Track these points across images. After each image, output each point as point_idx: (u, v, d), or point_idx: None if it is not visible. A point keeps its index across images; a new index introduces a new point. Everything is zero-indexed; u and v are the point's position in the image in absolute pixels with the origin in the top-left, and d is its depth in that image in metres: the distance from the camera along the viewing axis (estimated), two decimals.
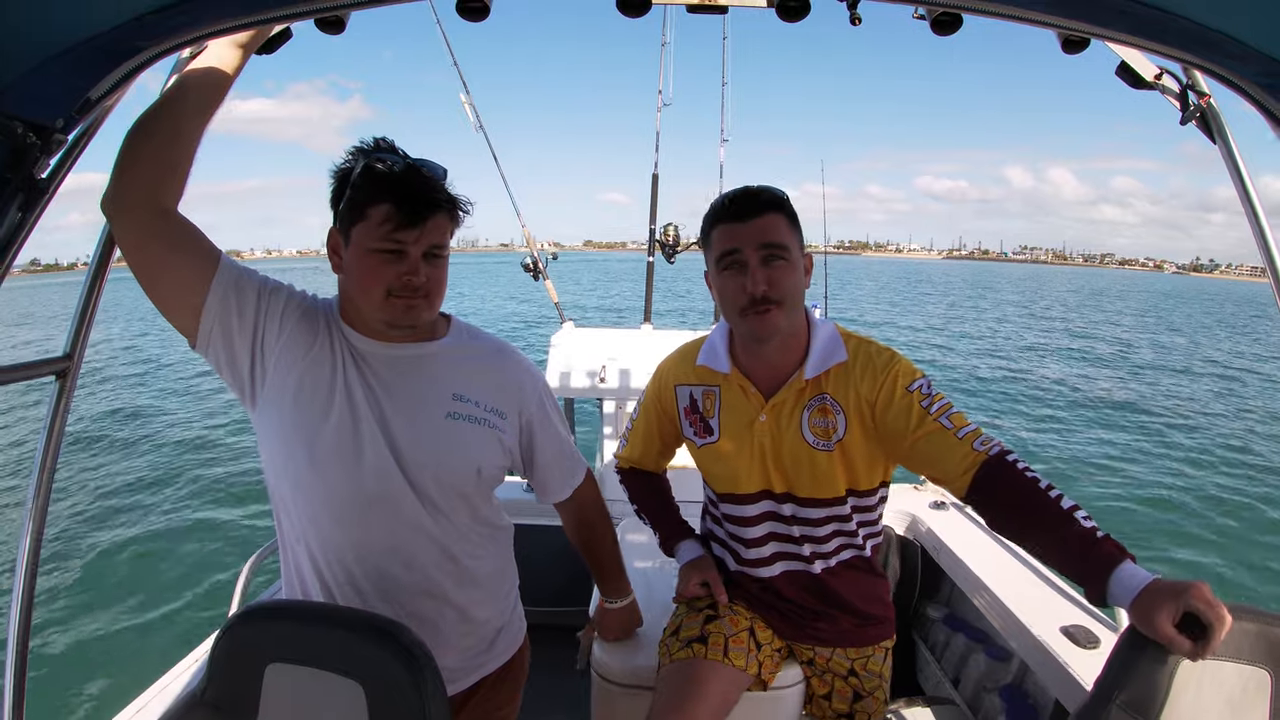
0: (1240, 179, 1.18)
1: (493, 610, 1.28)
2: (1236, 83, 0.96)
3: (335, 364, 1.11)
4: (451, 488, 1.16)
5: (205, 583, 5.88)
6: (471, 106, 3.16)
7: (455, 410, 1.16)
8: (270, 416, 1.10)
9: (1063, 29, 0.95)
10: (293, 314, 1.11)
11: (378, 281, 1.06)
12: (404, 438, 1.12)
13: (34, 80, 0.91)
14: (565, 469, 1.36)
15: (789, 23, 0.96)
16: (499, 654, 1.30)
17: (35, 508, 1.13)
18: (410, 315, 1.09)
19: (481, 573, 1.24)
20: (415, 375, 1.15)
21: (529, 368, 1.29)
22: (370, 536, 1.12)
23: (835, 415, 1.32)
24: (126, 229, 1.02)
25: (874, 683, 1.51)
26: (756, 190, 1.31)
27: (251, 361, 1.09)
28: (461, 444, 1.16)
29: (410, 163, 1.08)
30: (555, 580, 2.62)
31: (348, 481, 1.09)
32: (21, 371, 1.09)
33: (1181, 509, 8.17)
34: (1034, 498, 1.16)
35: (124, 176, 1.00)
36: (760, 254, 1.26)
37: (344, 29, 0.99)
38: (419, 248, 1.06)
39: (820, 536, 1.40)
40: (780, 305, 1.26)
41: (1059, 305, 47.57)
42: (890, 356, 1.33)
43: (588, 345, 3.03)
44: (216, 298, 1.04)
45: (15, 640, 1.13)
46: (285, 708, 0.95)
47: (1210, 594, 0.96)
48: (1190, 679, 1.00)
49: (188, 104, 1.04)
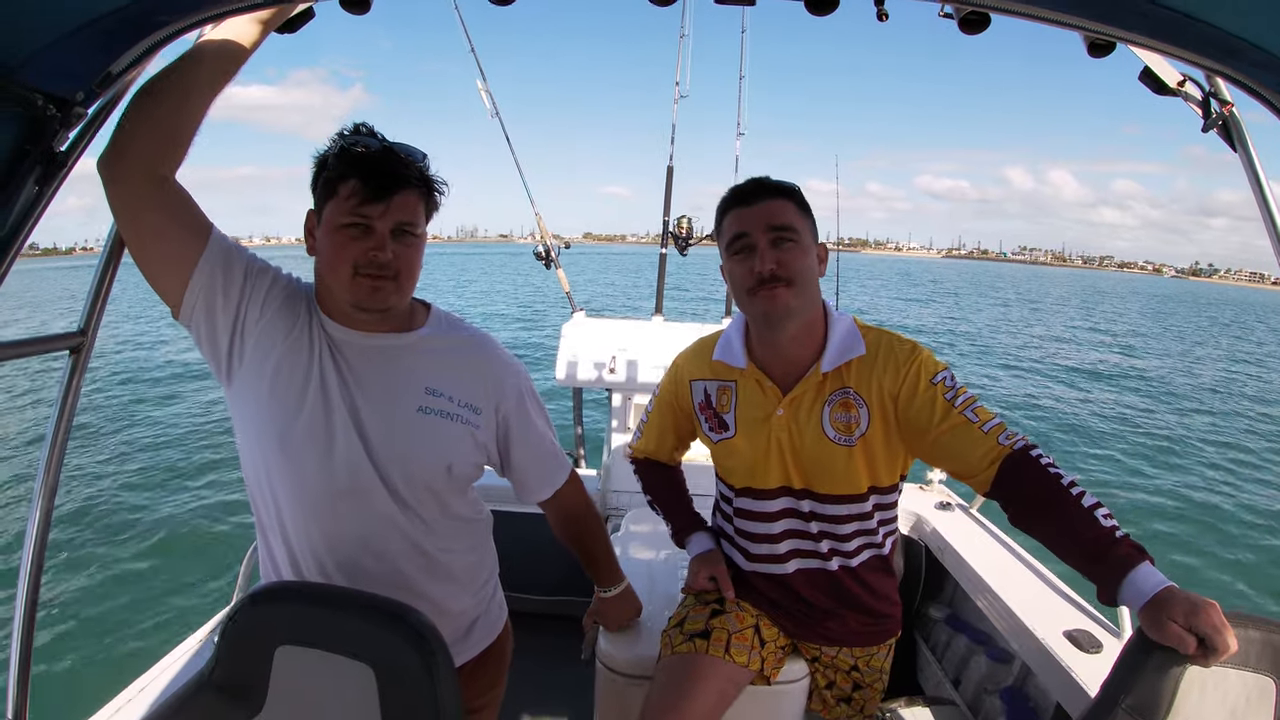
0: (1260, 188, 1.17)
1: (468, 602, 1.27)
2: (1259, 90, 0.96)
3: (312, 352, 1.10)
4: (421, 483, 1.14)
5: (208, 564, 5.90)
6: (488, 93, 3.14)
7: (427, 404, 1.14)
8: (245, 400, 1.09)
9: (1086, 30, 0.94)
10: (276, 297, 1.10)
11: (344, 258, 1.05)
12: (375, 431, 1.10)
13: (56, 53, 0.91)
14: (545, 469, 1.32)
15: (818, 16, 0.95)
16: (475, 643, 1.29)
17: (45, 484, 1.13)
18: (377, 298, 1.06)
19: (455, 566, 1.23)
20: (388, 366, 1.13)
21: (509, 361, 1.26)
22: (341, 528, 1.11)
23: (858, 409, 1.31)
24: (120, 193, 1.01)
25: (874, 676, 1.52)
26: (764, 178, 1.31)
27: (231, 339, 1.08)
28: (432, 439, 1.14)
29: (386, 144, 1.08)
30: (552, 569, 2.61)
31: (319, 473, 1.08)
32: (37, 345, 1.09)
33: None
34: (1056, 493, 1.15)
35: (125, 139, 0.99)
36: (769, 236, 1.26)
37: (369, 8, 0.99)
38: (385, 223, 1.05)
39: (842, 535, 1.39)
40: (790, 285, 1.25)
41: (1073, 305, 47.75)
42: (912, 348, 1.32)
43: (598, 335, 3.01)
44: (204, 273, 1.03)
45: (21, 620, 1.14)
46: (295, 690, 0.95)
47: (1220, 618, 0.96)
48: (1195, 685, 1.00)
49: (200, 74, 1.03)
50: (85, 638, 4.84)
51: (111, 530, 6.66)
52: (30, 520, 1.13)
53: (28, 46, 0.88)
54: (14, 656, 1.14)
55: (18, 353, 1.05)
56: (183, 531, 6.61)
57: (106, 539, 6.46)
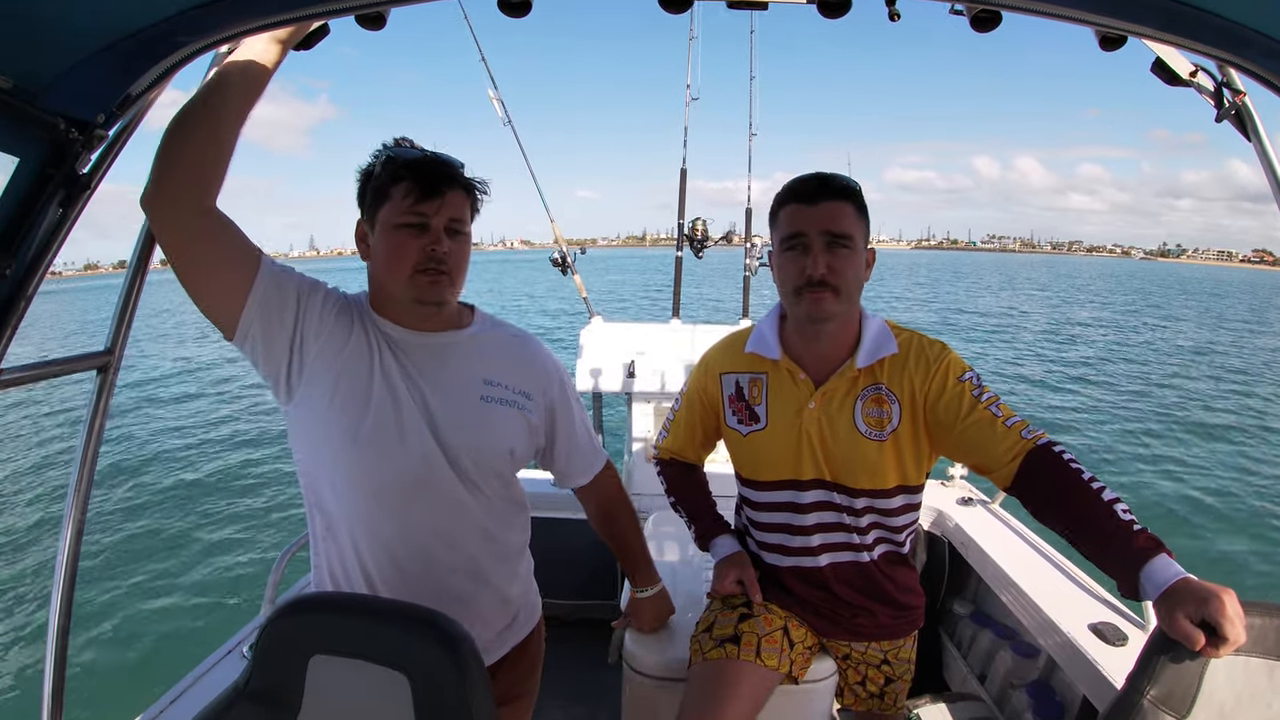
0: (1275, 176, 1.17)
1: (519, 587, 1.33)
2: (1272, 80, 0.95)
3: (372, 355, 1.14)
4: (489, 467, 1.21)
5: (238, 575, 5.99)
6: (500, 101, 3.14)
7: (488, 394, 1.21)
8: (308, 412, 1.12)
9: (1097, 25, 0.94)
10: (331, 311, 1.13)
11: (404, 257, 1.10)
12: (444, 421, 1.15)
13: (76, 77, 0.92)
14: (585, 455, 1.40)
15: (830, 19, 0.95)
16: (519, 630, 1.34)
17: (76, 500, 1.15)
18: (435, 290, 1.12)
19: (513, 547, 1.30)
20: (448, 361, 1.19)
21: (549, 353, 1.34)
22: (415, 519, 1.15)
23: (890, 405, 1.33)
24: (167, 227, 1.02)
25: (903, 668, 1.54)
26: (829, 176, 1.31)
27: (290, 357, 1.10)
28: (496, 425, 1.21)
29: (427, 152, 1.15)
30: (579, 573, 2.62)
31: (392, 466, 1.12)
32: (65, 365, 1.11)
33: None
34: (1076, 488, 1.16)
35: (164, 175, 1.00)
36: (824, 239, 1.27)
37: (384, 24, 0.99)
38: (441, 219, 1.11)
39: (861, 527, 1.40)
40: (836, 292, 1.27)
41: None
42: (941, 348, 1.35)
43: (616, 340, 3.01)
44: (257, 297, 1.05)
45: (55, 632, 1.16)
46: (329, 699, 0.96)
47: (1232, 607, 0.95)
48: (1221, 675, 1.00)
49: (227, 101, 1.04)
50: (118, 649, 4.92)
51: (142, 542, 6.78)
52: (62, 536, 1.15)
53: (49, 72, 0.89)
54: (49, 668, 1.16)
55: (47, 373, 1.07)
56: (213, 542, 6.70)
57: (137, 551, 6.57)
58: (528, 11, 0.91)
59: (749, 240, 3.46)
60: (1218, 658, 0.98)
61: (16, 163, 0.94)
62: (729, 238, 3.54)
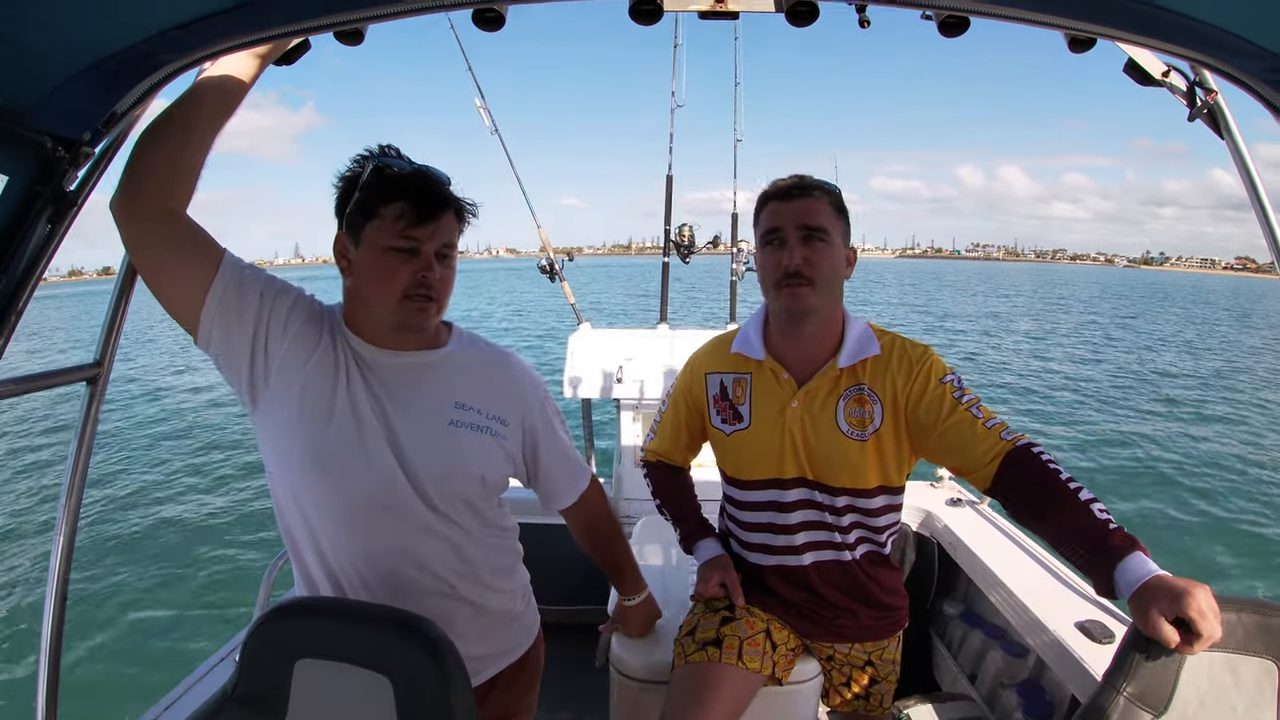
0: (1248, 174, 1.18)
1: (506, 604, 1.30)
2: (1242, 79, 0.96)
3: (338, 371, 1.11)
4: (455, 495, 1.17)
5: (232, 583, 5.97)
6: (486, 111, 3.16)
7: (458, 418, 1.17)
8: (274, 422, 1.11)
9: (1068, 29, 0.95)
10: (297, 318, 1.11)
11: (394, 281, 1.07)
12: (409, 445, 1.12)
13: (61, 96, 0.94)
14: (569, 477, 1.36)
15: (798, 27, 0.97)
16: (514, 647, 1.33)
17: (67, 511, 1.17)
18: (422, 317, 1.10)
19: (492, 569, 1.26)
20: (419, 382, 1.16)
21: (530, 375, 1.30)
22: (379, 540, 1.13)
23: (872, 406, 1.35)
24: (132, 231, 1.03)
25: (888, 669, 1.55)
26: (806, 176, 1.35)
27: (252, 362, 1.09)
28: (465, 452, 1.16)
29: (418, 166, 1.11)
30: (571, 579, 2.62)
31: (354, 488, 1.10)
32: (54, 378, 1.12)
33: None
34: (1053, 488, 1.17)
35: (134, 180, 1.01)
36: (800, 233, 1.30)
37: (363, 40, 1.01)
38: (432, 244, 1.08)
39: (843, 526, 1.41)
40: (813, 285, 1.29)
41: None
42: (924, 350, 1.37)
43: (604, 346, 3.02)
44: (215, 298, 1.04)
45: (49, 640, 1.17)
46: (314, 702, 0.97)
47: (1206, 602, 0.95)
48: (1198, 671, 1.01)
49: (201, 110, 1.05)
50: (112, 658, 4.91)
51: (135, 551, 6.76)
52: (54, 546, 1.16)
53: (36, 91, 0.91)
54: (42, 678, 1.17)
55: (36, 386, 1.08)
56: (205, 551, 6.69)
57: (131, 560, 6.55)
58: (501, 25, 0.93)
59: (735, 245, 3.48)
60: (1193, 654, 0.98)
61: (5, 181, 0.96)
62: (716, 243, 3.56)
